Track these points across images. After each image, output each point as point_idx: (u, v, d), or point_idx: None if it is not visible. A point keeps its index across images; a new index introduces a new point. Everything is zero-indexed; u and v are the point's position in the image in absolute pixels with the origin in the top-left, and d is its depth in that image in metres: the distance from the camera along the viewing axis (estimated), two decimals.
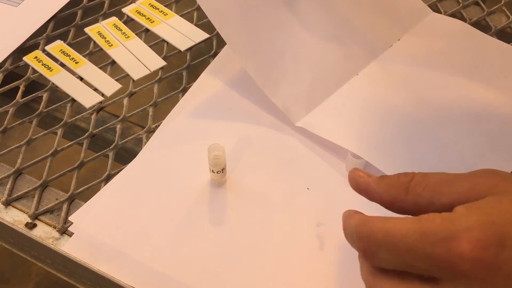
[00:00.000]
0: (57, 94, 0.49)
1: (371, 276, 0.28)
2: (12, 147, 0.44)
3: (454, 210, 0.25)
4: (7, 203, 0.40)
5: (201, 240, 0.37)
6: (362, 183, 0.31)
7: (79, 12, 0.56)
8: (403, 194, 0.28)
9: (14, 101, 0.47)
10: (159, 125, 0.45)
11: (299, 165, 0.42)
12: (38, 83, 0.50)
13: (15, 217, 0.40)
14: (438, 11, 0.55)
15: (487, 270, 0.24)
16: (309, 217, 0.38)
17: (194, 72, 0.51)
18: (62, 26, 0.55)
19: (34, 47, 0.52)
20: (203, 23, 0.56)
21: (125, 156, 0.44)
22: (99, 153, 0.43)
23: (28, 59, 0.50)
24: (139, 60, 0.51)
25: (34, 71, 0.50)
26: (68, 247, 0.37)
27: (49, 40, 0.53)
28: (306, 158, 0.42)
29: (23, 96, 0.48)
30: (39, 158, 0.43)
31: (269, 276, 0.36)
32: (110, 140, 0.46)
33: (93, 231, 0.38)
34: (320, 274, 0.36)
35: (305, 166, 0.42)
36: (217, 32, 0.54)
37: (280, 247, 0.37)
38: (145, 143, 0.44)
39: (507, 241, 0.24)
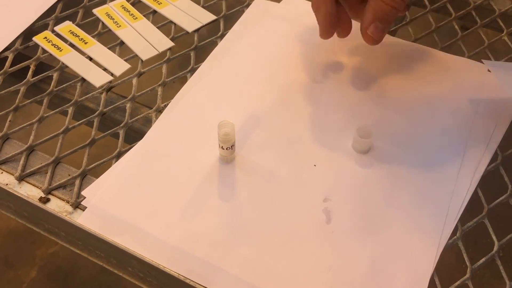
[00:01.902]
0: (65, 75, 0.49)
1: None
2: (24, 124, 0.44)
3: None
4: (21, 178, 0.41)
5: (211, 214, 0.38)
6: None
7: None
8: None
9: (25, 80, 0.48)
10: (168, 104, 0.46)
11: (306, 143, 0.43)
12: (47, 65, 0.50)
13: (29, 192, 0.40)
14: None
15: None
16: (315, 193, 0.39)
17: (202, 53, 0.52)
18: (71, 7, 0.55)
19: (43, 28, 0.53)
20: (210, 5, 0.56)
21: (134, 136, 0.45)
22: (110, 130, 0.44)
23: (37, 39, 0.51)
24: (147, 41, 0.51)
25: (44, 51, 0.50)
26: (81, 220, 0.38)
27: (58, 21, 0.54)
28: (312, 136, 0.43)
29: (33, 76, 0.49)
30: (51, 135, 0.44)
31: (277, 249, 0.37)
32: (119, 120, 0.46)
33: (105, 205, 0.39)
34: (326, 247, 0.37)
35: (312, 144, 0.43)
36: (224, 14, 0.55)
37: (288, 221, 0.38)
38: (154, 122, 0.45)
39: None
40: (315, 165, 0.41)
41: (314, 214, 0.38)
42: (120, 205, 0.39)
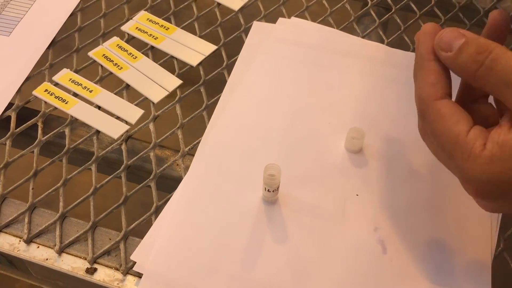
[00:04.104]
0: (78, 126, 0.47)
1: None
2: (49, 190, 0.42)
3: None
4: (61, 251, 0.39)
5: (271, 260, 0.38)
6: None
7: (77, 35, 0.54)
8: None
9: (37, 140, 0.45)
10: (192, 148, 0.45)
11: (344, 172, 0.43)
12: (55, 117, 0.48)
13: (73, 264, 0.39)
14: None
15: None
16: (365, 223, 0.40)
17: (211, 87, 0.51)
18: (63, 52, 0.53)
19: (40, 78, 0.50)
20: (206, 34, 0.55)
21: (164, 182, 0.44)
22: (141, 185, 0.43)
23: (38, 93, 0.48)
24: (154, 81, 0.50)
25: (48, 105, 0.48)
26: None
27: (53, 69, 0.51)
28: (349, 164, 0.44)
29: (43, 133, 0.46)
30: (82, 198, 0.42)
31: (342, 286, 0.37)
32: (143, 167, 0.45)
33: (162, 268, 0.38)
34: (388, 277, 0.38)
35: (349, 172, 0.43)
36: (224, 42, 0.54)
37: (345, 255, 0.39)
38: (182, 166, 0.44)
39: None
40: (357, 195, 0.42)
41: (369, 246, 0.39)
42: (176, 266, 0.38)
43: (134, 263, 0.38)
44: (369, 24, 0.57)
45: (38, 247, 0.40)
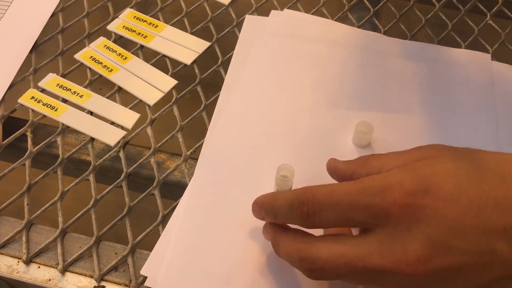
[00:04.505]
0: (67, 134, 0.44)
1: (305, 243, 0.31)
2: (47, 205, 0.39)
3: (391, 171, 0.30)
4: (64, 270, 0.37)
5: (288, 267, 0.36)
6: (331, 166, 0.36)
7: (60, 37, 0.51)
8: (360, 168, 0.33)
9: (28, 152, 0.42)
10: (194, 151, 0.43)
11: None
12: (45, 126, 0.45)
13: (78, 283, 0.36)
14: None
15: (413, 212, 0.27)
16: None
17: (208, 85, 0.49)
18: (47, 55, 0.50)
19: (25, 85, 0.47)
20: (197, 30, 0.53)
21: (167, 188, 0.42)
22: (144, 193, 0.41)
23: (25, 101, 0.45)
24: (147, 83, 0.47)
25: (36, 112, 0.45)
26: None
27: (38, 74, 0.48)
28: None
29: (34, 143, 0.43)
30: (82, 212, 0.39)
31: None
32: (141, 174, 0.43)
33: (174, 283, 0.36)
34: None
35: None
36: (217, 38, 0.51)
37: None
38: (186, 171, 0.42)
39: (431, 188, 0.28)
40: None
41: None
42: (189, 278, 0.36)
43: (145, 278, 0.36)
44: (363, 13, 0.55)
45: (39, 267, 0.37)
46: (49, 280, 0.36)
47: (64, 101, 0.46)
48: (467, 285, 0.28)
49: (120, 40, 0.51)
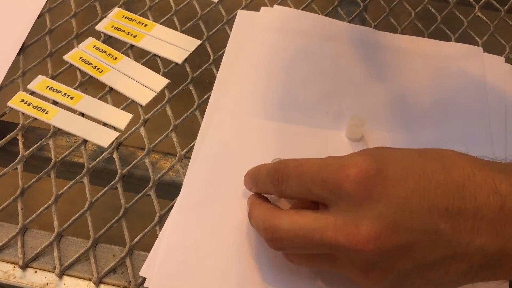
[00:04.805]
0: (58, 136, 0.44)
1: (271, 215, 0.33)
2: (41, 209, 0.39)
3: (349, 154, 0.32)
4: (62, 273, 0.36)
5: (283, 260, 0.36)
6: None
7: (48, 39, 0.50)
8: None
9: (20, 156, 0.42)
10: (189, 150, 0.43)
11: None
12: (35, 129, 0.44)
13: (76, 287, 0.36)
14: None
15: (365, 189, 0.29)
16: None
17: (200, 84, 0.48)
18: (35, 58, 0.49)
19: (14, 88, 0.46)
20: (187, 28, 0.52)
21: (164, 189, 0.42)
22: (140, 194, 0.40)
23: (14, 104, 0.45)
24: (139, 83, 0.47)
25: (27, 116, 0.44)
26: None
27: (27, 77, 0.47)
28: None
29: (25, 146, 0.43)
30: (78, 215, 0.39)
31: None
32: (135, 175, 0.42)
33: (168, 280, 0.35)
34: None
35: None
36: (207, 36, 0.51)
37: None
38: (181, 171, 0.41)
39: (382, 169, 0.30)
40: None
41: None
42: (184, 275, 0.36)
43: (144, 279, 0.36)
44: (352, 8, 0.55)
45: (36, 272, 0.36)
46: (47, 284, 0.36)
47: (55, 103, 0.45)
48: (415, 263, 0.29)
49: (109, 40, 0.51)
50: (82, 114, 0.45)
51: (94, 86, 0.47)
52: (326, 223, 0.30)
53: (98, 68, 0.48)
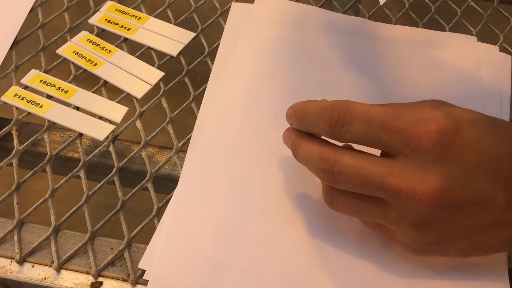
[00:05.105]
0: (52, 131, 0.43)
1: (329, 147, 0.33)
2: (37, 203, 0.39)
3: (424, 108, 0.31)
4: (60, 267, 0.36)
5: (281, 250, 0.36)
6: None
7: (41, 33, 0.50)
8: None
9: (14, 150, 0.41)
10: (186, 142, 0.42)
11: None
12: (24, 123, 0.44)
13: (75, 280, 0.36)
14: None
15: (442, 147, 0.30)
16: None
17: (196, 76, 0.48)
18: (28, 52, 0.48)
19: (7, 82, 0.46)
20: (181, 21, 0.52)
21: (161, 182, 0.41)
22: (137, 187, 0.40)
23: (8, 98, 0.44)
24: (134, 75, 0.47)
25: (21, 110, 0.44)
26: None
27: (20, 71, 0.47)
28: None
29: (20, 141, 0.42)
30: (74, 208, 0.38)
31: (355, 267, 0.36)
32: (131, 169, 0.42)
33: (167, 272, 0.35)
34: (398, 252, 0.37)
35: None
36: (202, 28, 0.51)
37: (355, 235, 0.37)
38: (178, 163, 0.41)
39: (460, 130, 0.30)
40: None
41: None
42: (183, 267, 0.35)
43: (143, 271, 0.36)
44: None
45: (33, 266, 0.36)
46: (44, 278, 0.35)
47: (49, 97, 0.45)
48: (465, 224, 0.31)
49: (103, 34, 0.50)
50: (77, 108, 0.44)
51: (88, 80, 0.47)
52: (391, 170, 0.30)
53: (92, 62, 0.47)
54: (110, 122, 0.43)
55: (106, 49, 0.48)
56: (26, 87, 0.45)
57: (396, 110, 0.31)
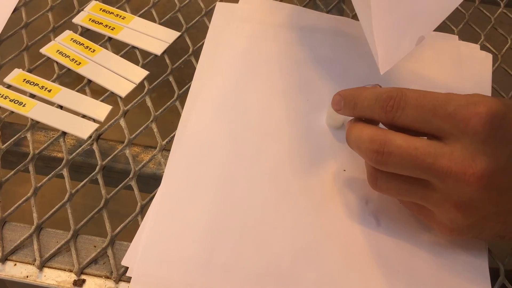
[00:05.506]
0: (35, 130, 0.43)
1: (381, 130, 0.34)
2: (20, 202, 0.38)
3: (473, 93, 0.32)
4: (42, 265, 0.36)
5: (265, 246, 0.36)
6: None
7: (24, 32, 0.50)
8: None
9: None
10: (170, 140, 0.42)
11: (328, 149, 0.42)
12: (8, 123, 0.44)
13: (57, 278, 0.35)
14: None
15: (491, 129, 0.30)
16: (355, 198, 0.39)
17: (180, 75, 0.48)
18: (11, 52, 0.48)
19: None
20: (166, 20, 0.52)
21: (145, 181, 0.41)
22: (121, 185, 0.40)
23: None
24: (118, 74, 0.47)
25: (3, 109, 0.44)
26: None
27: (3, 70, 0.47)
28: (333, 140, 0.43)
29: (3, 141, 0.42)
30: (57, 207, 0.38)
31: (340, 263, 0.36)
32: (115, 168, 0.42)
33: (150, 269, 0.35)
34: (384, 249, 0.37)
35: (334, 149, 0.42)
36: (186, 28, 0.51)
37: (340, 232, 0.38)
38: (162, 162, 0.41)
39: (508, 114, 0.31)
40: (344, 170, 0.41)
41: (363, 220, 0.38)
42: (166, 263, 0.35)
43: (127, 268, 0.36)
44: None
45: (15, 264, 0.36)
46: (27, 276, 0.35)
47: (32, 96, 0.45)
48: (505, 207, 0.32)
49: (87, 33, 0.50)
50: (61, 107, 0.44)
51: (72, 79, 0.47)
52: (442, 151, 0.31)
53: (76, 61, 0.47)
54: (94, 120, 0.43)
55: (90, 48, 0.48)
56: (9, 86, 0.45)
57: (447, 95, 0.32)
